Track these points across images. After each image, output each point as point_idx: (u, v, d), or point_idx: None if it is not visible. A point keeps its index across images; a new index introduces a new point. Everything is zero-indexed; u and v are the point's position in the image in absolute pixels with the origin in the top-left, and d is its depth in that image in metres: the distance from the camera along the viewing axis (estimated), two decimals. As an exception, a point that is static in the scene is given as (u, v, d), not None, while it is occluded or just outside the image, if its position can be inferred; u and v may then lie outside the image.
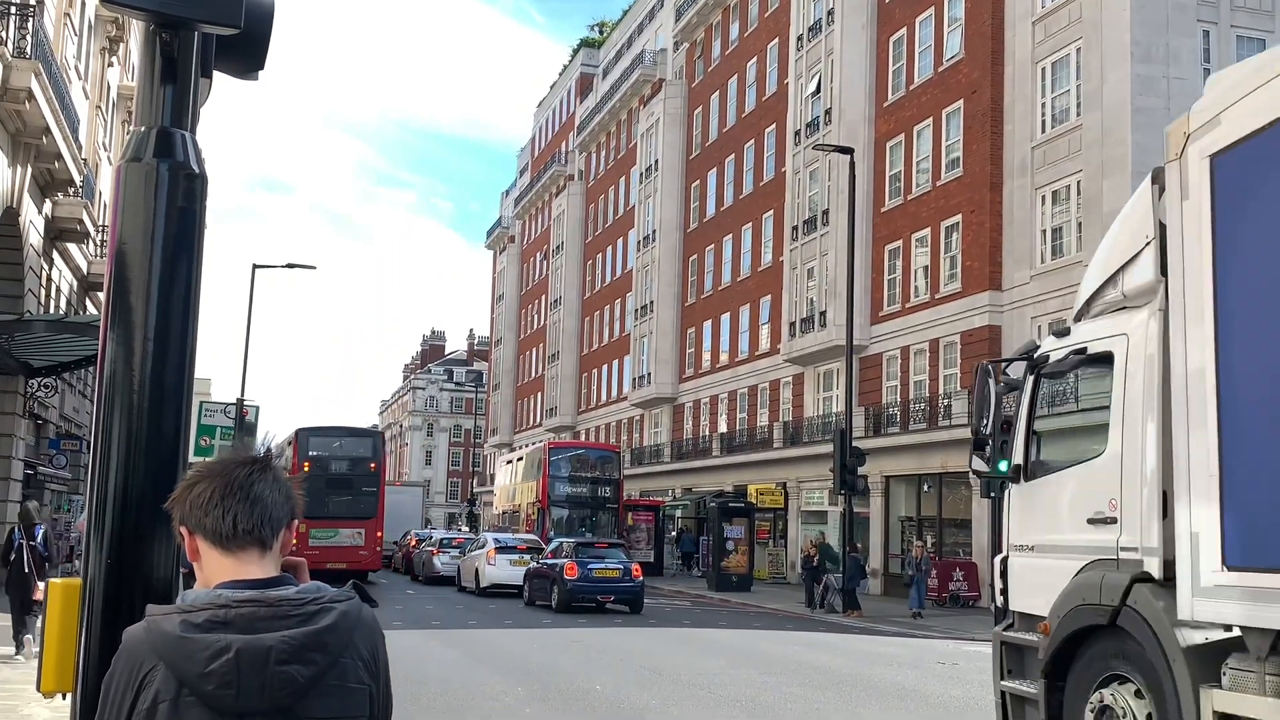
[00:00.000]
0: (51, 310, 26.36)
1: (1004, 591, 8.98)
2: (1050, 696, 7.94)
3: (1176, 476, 6.68)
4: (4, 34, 18.32)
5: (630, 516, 44.26)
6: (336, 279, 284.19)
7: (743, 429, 47.37)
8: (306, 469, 34.77)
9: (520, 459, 46.87)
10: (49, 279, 26.58)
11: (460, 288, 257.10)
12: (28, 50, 18.78)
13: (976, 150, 33.78)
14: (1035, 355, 8.88)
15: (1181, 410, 6.61)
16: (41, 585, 13.23)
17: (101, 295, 3.60)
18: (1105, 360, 7.85)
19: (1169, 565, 6.84)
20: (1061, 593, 7.83)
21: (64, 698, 3.53)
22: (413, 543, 43.20)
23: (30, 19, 18.94)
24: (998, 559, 9.20)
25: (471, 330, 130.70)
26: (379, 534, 36.01)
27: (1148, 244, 7.47)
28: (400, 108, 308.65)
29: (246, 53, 3.60)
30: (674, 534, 47.56)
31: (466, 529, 64.89)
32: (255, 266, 38.56)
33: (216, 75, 3.72)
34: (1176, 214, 6.80)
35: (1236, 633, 6.42)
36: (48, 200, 24.56)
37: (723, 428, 49.51)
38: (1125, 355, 7.63)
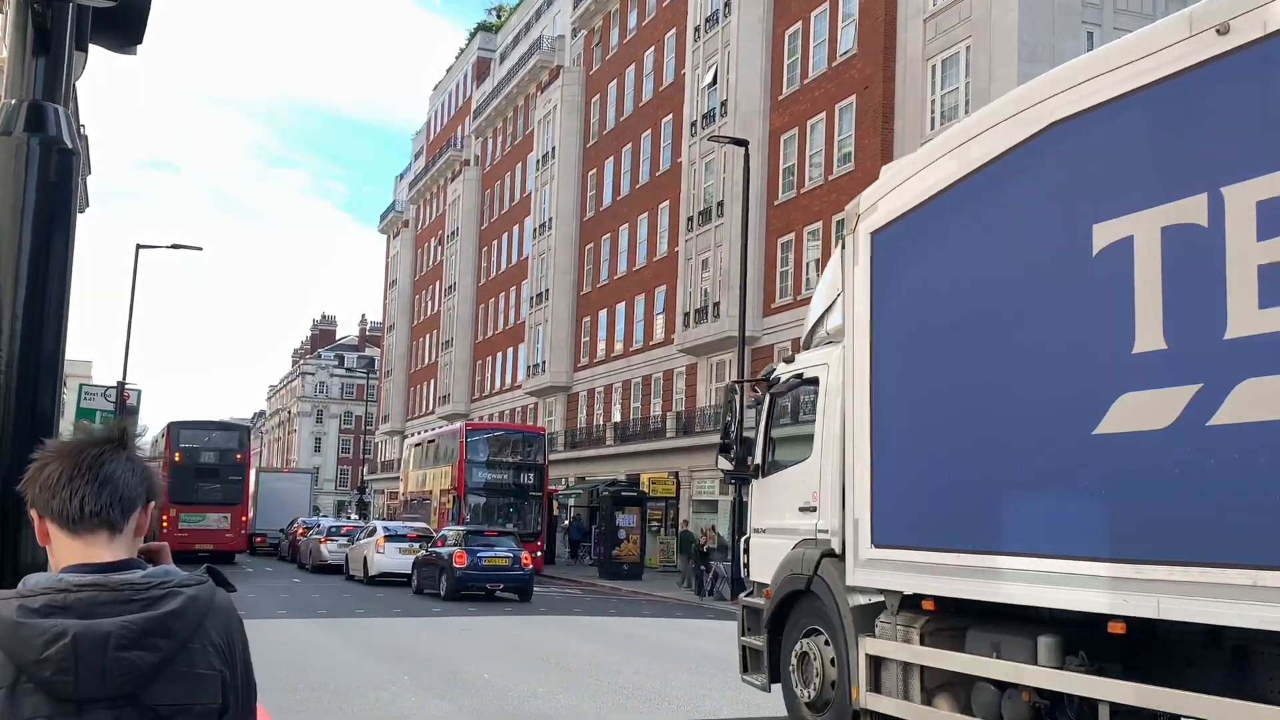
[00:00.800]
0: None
1: (746, 565, 11.10)
2: (771, 647, 10.14)
3: (848, 475, 8.79)
4: None
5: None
6: (225, 261, 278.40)
7: (636, 418, 47.53)
8: (178, 459, 38.65)
9: (432, 441, 44.01)
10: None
11: (352, 272, 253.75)
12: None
13: (867, 145, 34.31)
14: (771, 377, 10.92)
15: (851, 425, 8.77)
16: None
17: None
18: (815, 383, 9.90)
19: (845, 544, 8.86)
20: (779, 565, 9.93)
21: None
22: (300, 531, 42.54)
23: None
24: (742, 539, 11.36)
25: (364, 315, 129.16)
26: (244, 518, 40.65)
27: (839, 295, 9.45)
28: (293, 87, 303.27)
29: (124, 26, 3.50)
30: (566, 523, 47.51)
31: (356, 517, 64.13)
32: (139, 246, 37.84)
33: (96, 49, 3.62)
34: (850, 275, 8.94)
35: (882, 596, 8.51)
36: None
37: (616, 417, 49.62)
38: (826, 380, 9.66)
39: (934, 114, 32.06)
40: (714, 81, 41.39)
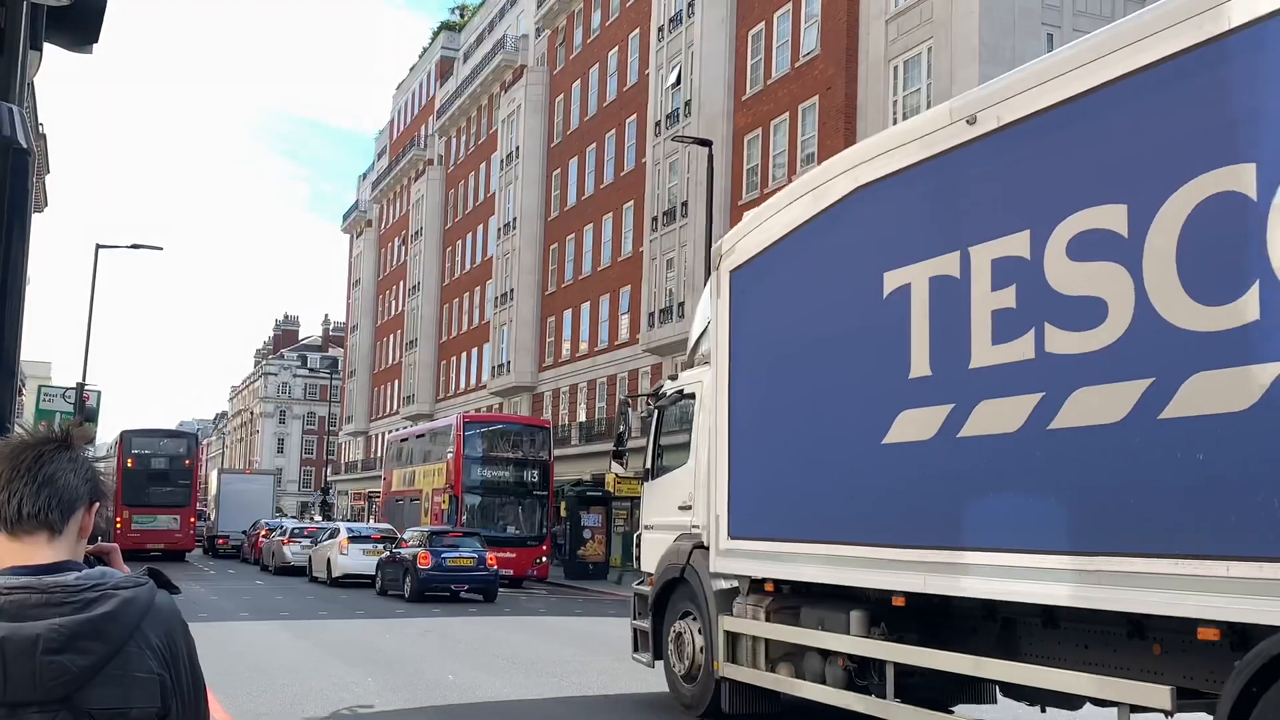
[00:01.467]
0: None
1: (638, 558, 12.52)
2: (654, 630, 11.62)
3: (711, 477, 10.31)
4: None
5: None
6: (186, 261, 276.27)
7: (601, 418, 47.49)
8: (130, 464, 41.87)
9: (421, 435, 41.56)
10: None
11: (315, 272, 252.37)
12: None
13: (830, 146, 34.37)
14: (659, 392, 12.35)
15: (714, 434, 10.26)
16: None
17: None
18: (692, 398, 11.36)
19: (709, 537, 10.30)
20: (661, 556, 11.42)
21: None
22: (263, 532, 42.24)
23: None
24: (636, 535, 12.85)
25: (327, 315, 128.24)
26: (193, 519, 44.82)
27: (709, 322, 10.84)
28: (257, 86, 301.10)
29: (79, 25, 3.48)
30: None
31: (320, 518, 63.72)
32: (99, 246, 37.31)
33: (54, 49, 3.60)
34: (715, 307, 10.48)
35: (737, 582, 10.06)
36: None
37: (582, 417, 49.58)
38: (701, 396, 11.09)
39: (896, 115, 32.21)
40: (678, 82, 41.43)
